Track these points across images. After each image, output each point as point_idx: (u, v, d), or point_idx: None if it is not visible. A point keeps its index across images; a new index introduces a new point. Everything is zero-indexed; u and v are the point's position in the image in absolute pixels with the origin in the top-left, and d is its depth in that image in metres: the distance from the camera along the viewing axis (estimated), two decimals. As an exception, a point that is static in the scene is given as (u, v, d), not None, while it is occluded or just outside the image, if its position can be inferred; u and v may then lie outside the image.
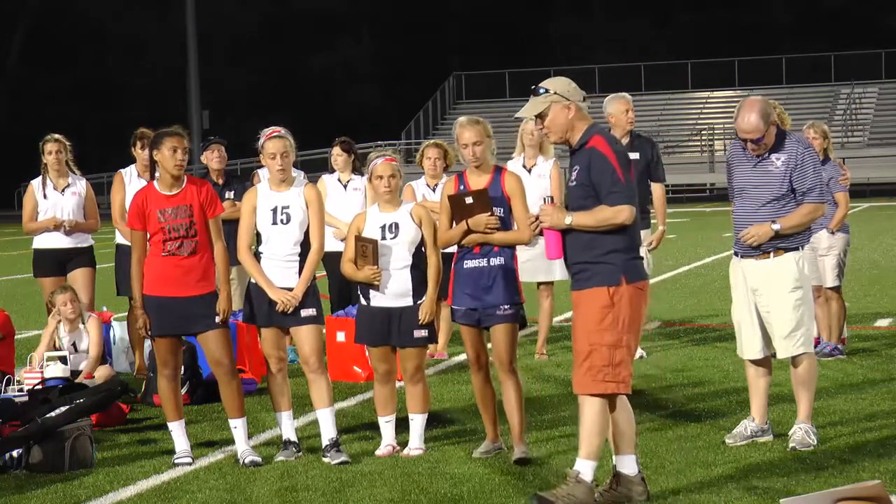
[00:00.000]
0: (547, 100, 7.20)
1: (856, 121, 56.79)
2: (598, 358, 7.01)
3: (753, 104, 8.43)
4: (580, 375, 7.06)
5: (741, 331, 8.68)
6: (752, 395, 8.72)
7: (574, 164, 7.21)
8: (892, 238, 27.32)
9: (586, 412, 7.07)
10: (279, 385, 8.75)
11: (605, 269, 7.05)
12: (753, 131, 8.37)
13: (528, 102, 7.29)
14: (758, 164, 8.50)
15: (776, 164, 8.45)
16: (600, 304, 7.03)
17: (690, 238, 28.81)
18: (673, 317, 15.48)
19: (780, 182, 8.42)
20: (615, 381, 7.03)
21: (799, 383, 8.54)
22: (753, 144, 8.43)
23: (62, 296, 11.02)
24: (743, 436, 8.57)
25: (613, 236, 7.07)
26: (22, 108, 71.08)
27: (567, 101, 7.19)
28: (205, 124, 54.48)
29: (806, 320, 8.48)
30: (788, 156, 8.44)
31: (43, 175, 12.06)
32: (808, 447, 8.29)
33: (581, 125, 7.22)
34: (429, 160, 11.77)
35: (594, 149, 7.11)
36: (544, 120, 7.24)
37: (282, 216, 8.65)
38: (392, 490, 7.67)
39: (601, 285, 7.04)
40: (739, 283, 8.63)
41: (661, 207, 12.65)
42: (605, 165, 7.05)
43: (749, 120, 8.37)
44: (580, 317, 7.10)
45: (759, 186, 8.47)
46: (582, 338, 7.07)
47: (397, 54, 75.72)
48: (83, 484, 8.12)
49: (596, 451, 7.05)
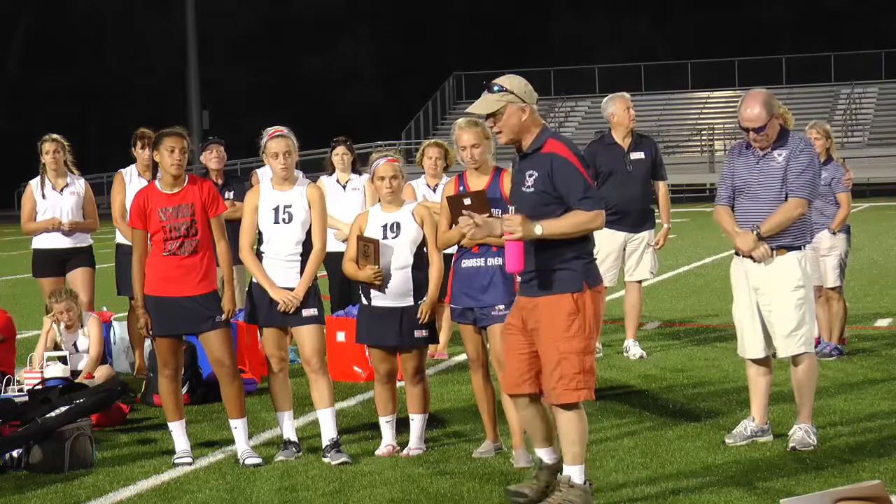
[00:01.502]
0: (503, 99, 6.97)
1: (856, 121, 56.77)
2: (569, 366, 6.90)
3: (757, 95, 8.47)
4: (552, 385, 6.95)
5: (742, 330, 8.67)
6: (753, 395, 8.72)
7: (527, 169, 6.99)
8: (892, 238, 27.32)
9: (563, 421, 6.99)
10: (280, 385, 8.75)
11: (568, 275, 6.92)
12: (756, 119, 8.37)
13: (480, 98, 7.04)
14: (760, 161, 8.50)
15: (778, 161, 8.46)
16: (566, 310, 6.91)
17: (690, 238, 28.82)
18: (673, 317, 15.48)
19: (782, 178, 8.42)
20: (587, 387, 6.95)
21: (799, 383, 8.54)
22: (756, 134, 8.41)
23: (59, 305, 10.97)
24: (743, 436, 8.56)
25: (577, 242, 6.94)
26: (22, 108, 71.09)
27: (523, 103, 6.99)
28: (205, 124, 54.48)
29: (807, 320, 8.48)
30: (789, 150, 8.46)
31: (41, 175, 12.06)
32: (808, 447, 8.29)
33: (534, 128, 7.02)
34: (429, 160, 11.76)
35: (555, 154, 6.90)
36: (497, 119, 7.00)
37: (284, 215, 8.65)
38: (392, 490, 7.67)
39: (565, 292, 6.91)
40: (741, 282, 8.63)
41: (666, 206, 12.68)
42: (572, 171, 6.87)
43: (752, 108, 8.39)
44: (545, 324, 6.94)
45: (762, 183, 8.47)
46: (550, 346, 6.93)
47: (397, 54, 75.76)
48: (83, 484, 8.12)
49: (581, 454, 7.01)
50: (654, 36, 73.84)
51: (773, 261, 8.45)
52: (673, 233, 14.94)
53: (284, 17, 77.13)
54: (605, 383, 11.09)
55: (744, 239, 8.45)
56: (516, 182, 7.10)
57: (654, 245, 12.54)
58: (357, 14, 78.29)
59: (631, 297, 12.56)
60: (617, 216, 12.44)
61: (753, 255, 8.45)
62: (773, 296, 8.44)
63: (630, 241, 12.50)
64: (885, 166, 49.90)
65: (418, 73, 69.75)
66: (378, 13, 77.99)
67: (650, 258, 12.54)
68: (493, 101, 6.99)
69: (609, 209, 12.47)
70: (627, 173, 12.35)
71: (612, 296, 14.60)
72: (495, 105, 6.98)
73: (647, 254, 12.51)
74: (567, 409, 6.96)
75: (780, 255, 8.44)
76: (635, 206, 12.42)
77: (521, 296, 7.14)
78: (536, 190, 6.93)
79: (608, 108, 12.45)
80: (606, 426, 9.26)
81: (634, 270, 12.54)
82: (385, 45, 77.01)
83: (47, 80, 73.23)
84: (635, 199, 12.41)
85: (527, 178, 6.97)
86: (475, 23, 75.93)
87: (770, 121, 8.41)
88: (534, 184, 6.94)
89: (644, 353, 12.38)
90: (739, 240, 8.47)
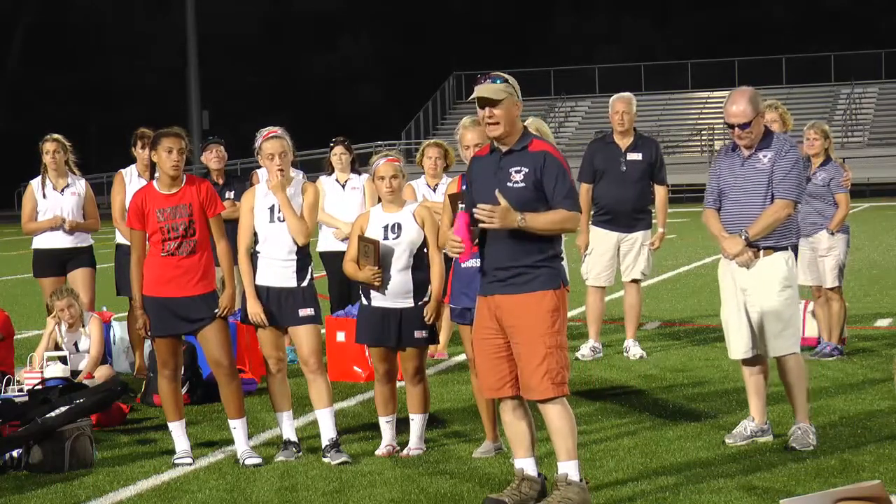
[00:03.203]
0: (506, 90, 7.06)
1: (856, 121, 56.78)
2: (554, 362, 6.96)
3: (743, 91, 8.47)
4: (537, 381, 6.98)
5: (728, 331, 8.68)
6: (750, 395, 8.73)
7: (515, 164, 7.04)
8: (892, 238, 27.33)
9: (554, 417, 7.03)
10: (279, 385, 8.75)
11: (548, 272, 7.01)
12: (741, 115, 8.35)
13: (484, 85, 7.04)
14: (745, 163, 8.49)
15: (763, 162, 8.45)
16: (549, 307, 6.98)
17: (690, 238, 28.80)
18: (673, 317, 15.49)
19: (768, 179, 8.41)
20: (566, 382, 7.05)
21: (790, 382, 8.56)
22: (741, 131, 8.39)
23: (60, 302, 10.99)
24: (743, 436, 8.57)
25: (555, 241, 7.05)
26: (22, 108, 71.10)
27: (518, 99, 7.10)
28: (205, 124, 54.47)
29: (795, 320, 8.55)
30: (775, 152, 8.45)
31: (42, 175, 12.06)
32: (807, 447, 8.29)
33: (520, 126, 7.16)
34: (429, 160, 11.76)
35: (548, 153, 7.02)
36: (497, 109, 7.02)
37: (279, 214, 8.65)
38: (392, 490, 7.67)
39: (546, 289, 6.98)
40: (728, 283, 8.63)
41: (663, 210, 12.66)
42: (561, 172, 7.00)
43: (738, 104, 8.37)
44: (528, 321, 6.98)
45: (748, 185, 8.46)
46: (535, 341, 6.96)
47: (397, 54, 75.76)
48: (83, 484, 8.12)
49: (573, 450, 7.05)
50: (654, 36, 73.88)
51: (759, 262, 8.45)
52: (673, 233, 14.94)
53: (284, 17, 77.14)
54: (605, 383, 11.10)
55: (731, 243, 8.45)
56: (496, 178, 7.09)
57: (649, 245, 12.53)
58: (357, 14, 78.29)
59: (630, 297, 12.55)
60: (609, 216, 12.45)
61: (737, 260, 8.46)
62: (761, 296, 8.45)
63: (623, 242, 12.48)
64: (885, 166, 49.92)
65: (418, 73, 69.75)
66: (378, 13, 77.99)
67: (644, 259, 12.53)
68: (499, 90, 7.04)
69: (601, 209, 12.52)
70: (621, 173, 12.34)
71: (612, 296, 14.60)
72: (502, 93, 7.04)
73: (641, 254, 12.50)
74: (554, 404, 7.01)
75: (767, 255, 8.44)
76: (627, 206, 12.39)
77: (495, 294, 7.11)
78: (528, 185, 6.99)
79: (614, 106, 12.50)
80: (606, 426, 9.26)
81: (630, 270, 12.52)
82: (385, 45, 77.02)
83: (47, 80, 73.23)
84: (627, 200, 12.38)
85: (513, 174, 7.03)
86: (475, 23, 75.94)
87: (756, 118, 8.39)
88: (524, 179, 7.01)
89: (644, 353, 12.38)
90: (727, 244, 8.47)
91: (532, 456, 7.26)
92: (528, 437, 7.26)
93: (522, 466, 7.25)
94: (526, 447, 7.26)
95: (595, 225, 12.57)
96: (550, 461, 7.46)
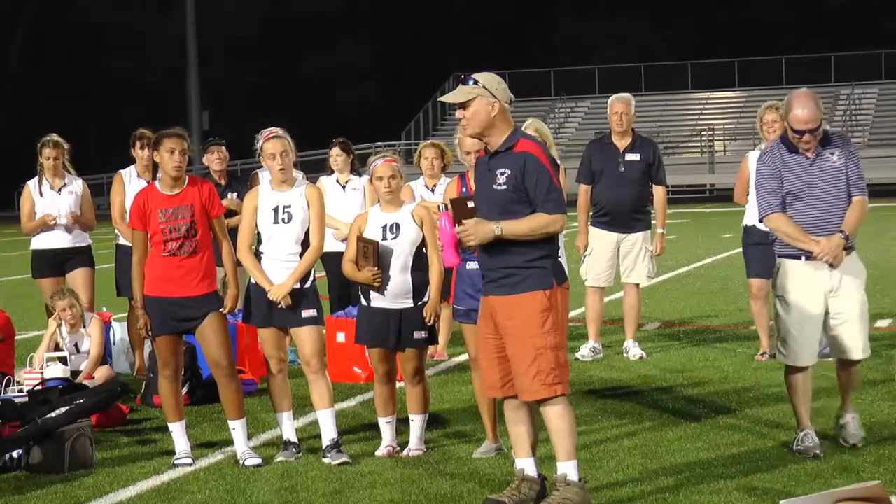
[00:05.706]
0: (474, 91, 7.07)
1: (856, 121, 56.78)
2: (545, 362, 6.96)
3: (806, 95, 8.17)
4: (528, 382, 6.99)
5: (803, 337, 8.33)
6: (802, 402, 8.34)
7: (499, 167, 7.05)
8: (892, 238, 27.32)
9: (553, 417, 7.04)
10: (279, 386, 8.75)
11: (538, 272, 6.99)
12: (813, 120, 8.07)
13: (455, 90, 7.16)
14: (814, 163, 8.19)
15: (833, 159, 8.18)
16: (539, 307, 6.97)
17: (690, 239, 28.79)
18: (673, 317, 15.49)
19: (844, 177, 8.17)
20: (562, 382, 7.02)
21: (852, 381, 8.56)
22: (811, 136, 8.10)
23: (61, 302, 11.00)
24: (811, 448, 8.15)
25: (546, 241, 7.02)
26: (22, 108, 71.10)
27: (493, 99, 7.07)
28: (205, 125, 54.51)
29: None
30: (842, 148, 8.23)
31: (39, 175, 12.07)
32: (857, 438, 8.30)
33: (504, 127, 7.10)
34: (426, 160, 11.76)
35: (529, 154, 7.00)
36: (465, 110, 7.09)
37: (283, 215, 8.65)
38: (392, 490, 7.67)
39: (536, 289, 6.97)
40: (807, 288, 8.25)
41: (662, 211, 12.65)
42: (542, 172, 6.97)
43: (804, 108, 8.07)
44: (519, 322, 6.98)
45: (827, 185, 8.16)
46: (525, 342, 6.97)
47: (397, 54, 75.77)
48: (83, 484, 8.13)
49: (572, 450, 7.05)
50: (654, 36, 73.84)
51: (845, 262, 8.23)
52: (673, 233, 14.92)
53: (284, 17, 77.12)
54: (605, 384, 11.10)
55: (833, 244, 8.10)
56: (486, 180, 7.12)
57: (652, 251, 12.52)
58: (357, 14, 78.30)
59: (629, 298, 12.54)
60: (607, 217, 12.44)
61: (835, 261, 8.14)
62: (851, 297, 8.27)
63: (623, 242, 12.47)
64: (885, 166, 49.91)
65: (418, 73, 69.75)
66: (378, 13, 78.00)
67: (647, 263, 12.52)
68: (464, 92, 7.10)
69: (600, 209, 12.52)
70: (619, 174, 12.34)
71: (611, 297, 14.61)
72: (466, 95, 7.09)
73: (643, 258, 12.49)
74: (553, 404, 7.01)
75: (847, 255, 8.25)
76: (625, 207, 12.39)
77: (489, 296, 7.15)
78: (509, 187, 7.00)
79: (612, 106, 12.49)
80: (606, 426, 9.26)
81: (630, 273, 12.51)
82: (385, 45, 77.01)
83: (47, 80, 73.24)
84: (626, 201, 12.37)
85: (498, 176, 7.04)
86: (475, 23, 75.94)
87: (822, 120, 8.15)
88: (506, 181, 7.01)
89: (644, 353, 12.37)
90: (827, 245, 8.11)
91: (532, 456, 7.27)
92: (529, 437, 7.26)
93: (523, 467, 7.26)
94: (526, 448, 7.26)
95: (594, 226, 12.57)
96: (551, 462, 7.45)
